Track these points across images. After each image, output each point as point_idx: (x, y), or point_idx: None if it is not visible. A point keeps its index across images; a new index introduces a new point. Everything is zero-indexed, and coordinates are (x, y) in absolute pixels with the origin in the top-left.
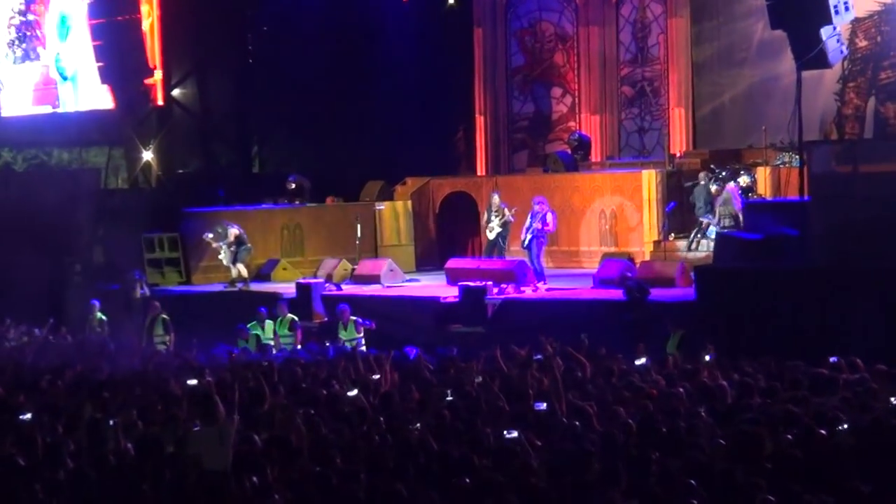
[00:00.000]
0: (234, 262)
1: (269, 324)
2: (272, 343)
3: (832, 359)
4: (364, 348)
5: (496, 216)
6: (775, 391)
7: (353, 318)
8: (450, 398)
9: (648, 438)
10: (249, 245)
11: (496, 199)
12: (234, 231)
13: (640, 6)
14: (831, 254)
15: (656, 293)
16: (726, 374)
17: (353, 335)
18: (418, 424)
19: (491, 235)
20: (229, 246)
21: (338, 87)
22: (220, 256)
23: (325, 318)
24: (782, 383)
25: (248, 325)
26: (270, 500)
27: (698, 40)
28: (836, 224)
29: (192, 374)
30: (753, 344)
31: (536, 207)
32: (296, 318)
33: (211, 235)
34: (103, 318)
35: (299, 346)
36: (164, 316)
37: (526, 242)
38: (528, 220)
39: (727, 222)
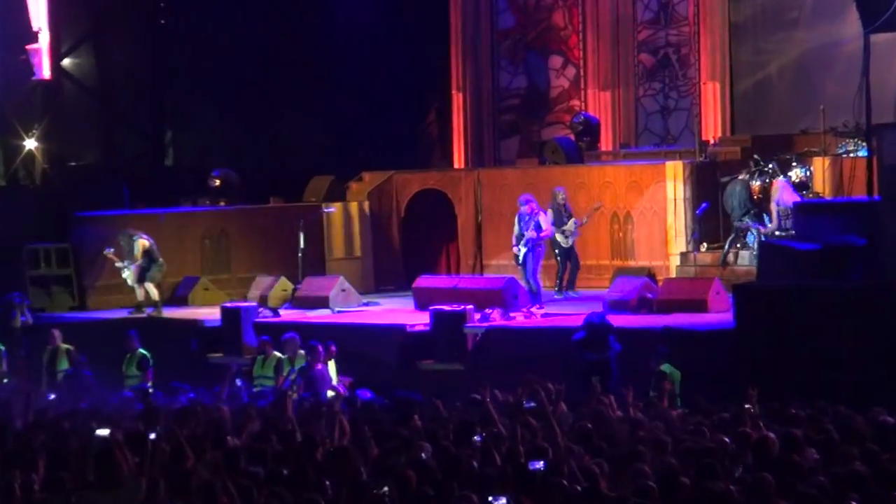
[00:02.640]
0: (142, 281)
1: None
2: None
3: None
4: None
5: (568, 216)
6: (833, 444)
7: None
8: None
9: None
10: (161, 260)
11: (561, 194)
12: (143, 242)
13: None
14: None
15: (683, 319)
16: (772, 423)
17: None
18: (386, 489)
19: (567, 242)
20: (148, 259)
21: (277, 57)
22: (123, 275)
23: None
24: (843, 434)
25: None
26: None
27: None
28: None
29: (100, 423)
30: (806, 384)
31: (524, 208)
32: (147, 355)
33: (112, 251)
34: None
35: (150, 388)
36: (69, 347)
37: (521, 257)
38: (516, 226)
39: (785, 223)
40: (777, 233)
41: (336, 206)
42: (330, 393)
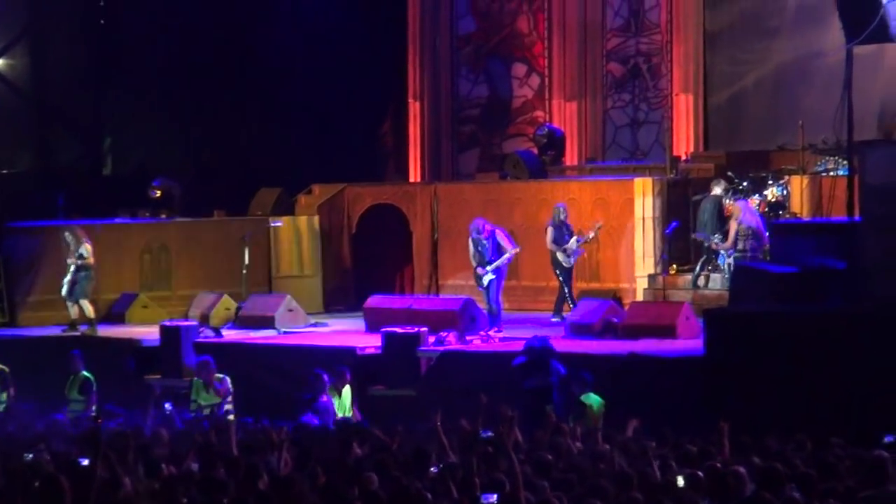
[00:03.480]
0: (73, 295)
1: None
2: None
3: (888, 437)
4: (231, 416)
5: (570, 234)
6: (811, 481)
7: (220, 375)
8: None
9: None
10: (91, 272)
11: (562, 211)
12: (88, 247)
13: None
14: (889, 294)
15: (650, 345)
16: (745, 458)
17: (212, 399)
18: None
19: (569, 262)
20: (76, 268)
21: (224, 63)
22: (63, 283)
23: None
24: (820, 470)
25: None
26: None
27: (713, 2)
28: None
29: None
30: (782, 415)
31: (479, 236)
32: (90, 378)
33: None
34: None
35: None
36: (3, 367)
37: (485, 283)
38: (473, 251)
39: (744, 244)
40: (735, 254)
41: (284, 221)
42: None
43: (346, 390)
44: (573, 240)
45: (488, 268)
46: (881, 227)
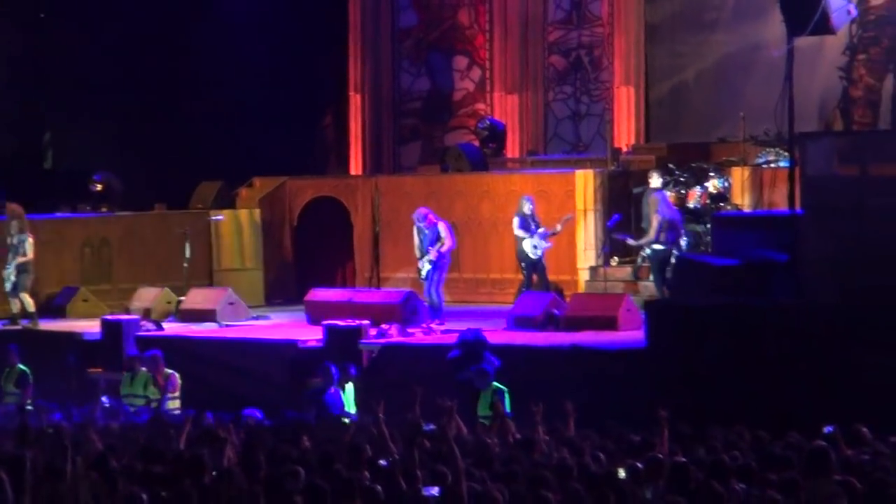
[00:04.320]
0: (15, 290)
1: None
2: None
3: (827, 428)
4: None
5: (537, 225)
6: (751, 472)
7: (168, 370)
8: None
9: None
10: (30, 266)
11: (528, 204)
12: (31, 241)
13: None
14: (832, 286)
15: (592, 337)
16: (687, 449)
17: (157, 394)
18: None
19: (536, 253)
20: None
21: (164, 55)
22: (5, 271)
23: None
24: (762, 461)
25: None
26: None
27: None
28: (839, 246)
29: None
30: (724, 407)
31: (422, 224)
32: (27, 371)
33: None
34: None
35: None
36: None
37: (425, 272)
38: (417, 241)
39: (664, 236)
40: (656, 246)
41: (224, 214)
42: (345, 420)
43: (350, 387)
44: (540, 231)
45: (424, 259)
46: (822, 218)
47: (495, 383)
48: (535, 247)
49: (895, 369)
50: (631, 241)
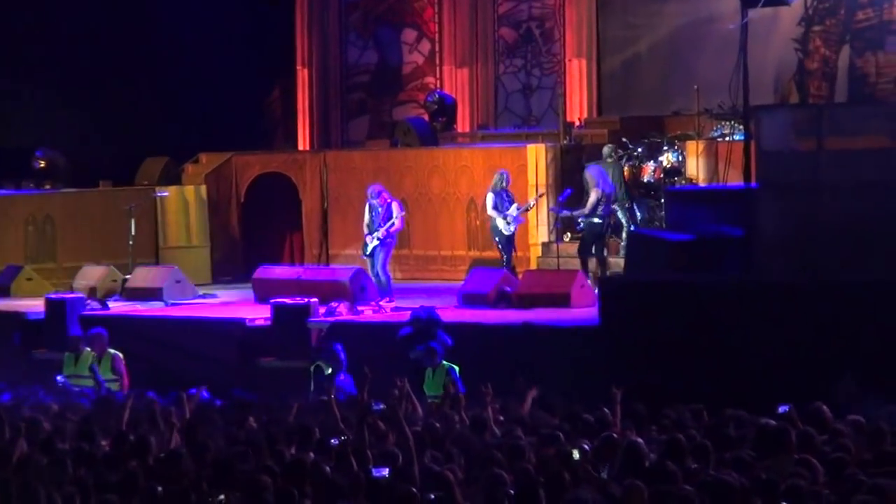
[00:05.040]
0: None
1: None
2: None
3: (782, 407)
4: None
5: (511, 201)
6: (706, 451)
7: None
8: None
9: None
10: None
11: (503, 178)
12: None
13: None
14: (788, 262)
15: (545, 315)
16: (642, 428)
17: (105, 374)
18: (222, 497)
19: (509, 229)
20: None
21: (106, 28)
22: None
23: None
24: (716, 440)
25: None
26: None
27: None
28: (795, 221)
29: None
30: (679, 385)
31: (375, 201)
32: None
33: None
34: None
35: None
36: None
37: (370, 249)
38: (367, 216)
39: (601, 210)
40: (593, 220)
41: (170, 191)
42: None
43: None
44: (513, 207)
45: (375, 234)
46: (777, 193)
47: (445, 362)
48: (508, 223)
49: (852, 346)
50: (566, 213)
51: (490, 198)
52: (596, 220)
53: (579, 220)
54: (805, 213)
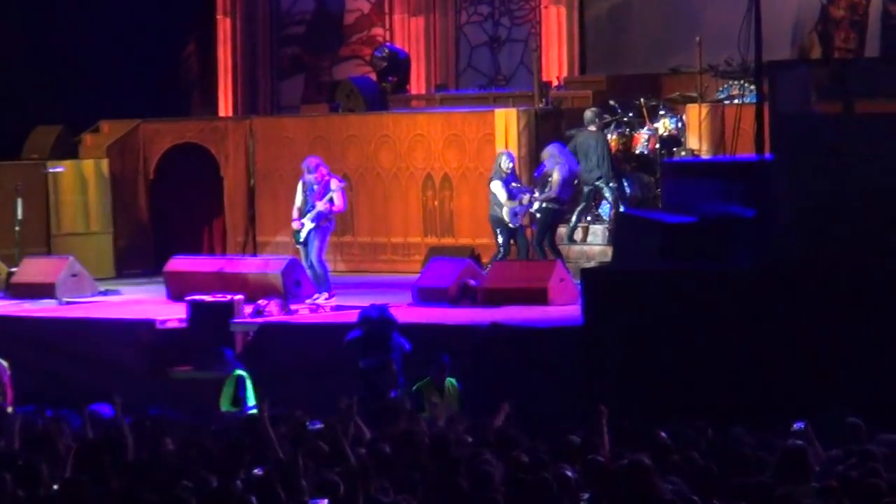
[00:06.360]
0: None
1: None
2: None
3: (798, 424)
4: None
5: (518, 189)
6: (711, 474)
7: None
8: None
9: None
10: None
11: (507, 160)
12: None
13: None
14: (808, 249)
15: (517, 313)
16: (633, 449)
17: None
18: None
19: (516, 221)
20: None
21: None
22: None
23: None
24: (724, 463)
25: None
26: None
27: None
28: (817, 198)
29: None
30: (676, 397)
31: (311, 176)
32: None
33: None
34: None
35: None
36: None
37: (303, 236)
38: (300, 196)
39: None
40: (552, 205)
41: (65, 165)
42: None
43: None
44: (526, 196)
45: (307, 217)
46: (797, 165)
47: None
48: (515, 214)
49: (887, 344)
50: (529, 196)
51: (499, 188)
52: (553, 205)
53: (539, 203)
54: (829, 189)
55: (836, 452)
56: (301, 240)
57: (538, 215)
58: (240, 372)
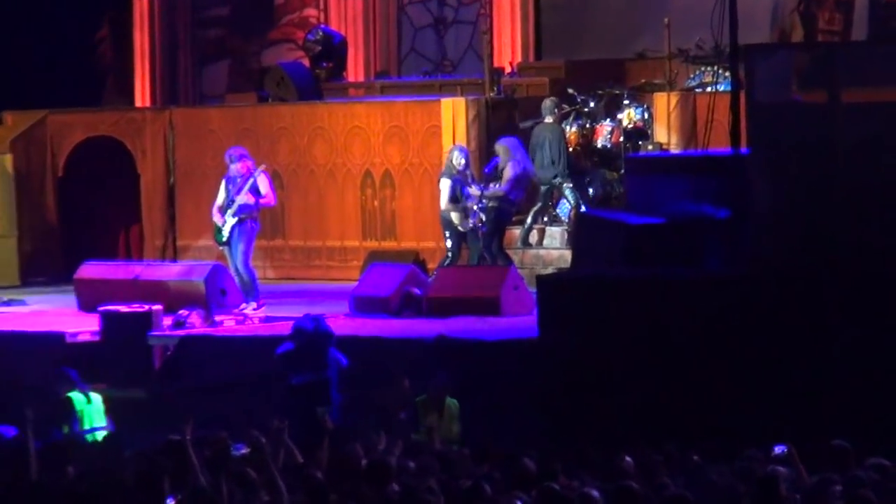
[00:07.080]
0: None
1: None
2: None
3: (777, 447)
4: None
5: (472, 183)
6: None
7: None
8: None
9: None
10: None
11: (459, 156)
12: None
13: None
14: (789, 251)
15: (465, 325)
16: (594, 476)
17: None
18: None
19: (467, 223)
20: None
21: None
22: None
23: None
24: (696, 490)
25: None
26: None
27: None
28: (798, 198)
29: None
30: (640, 417)
31: (235, 166)
32: None
33: None
34: None
35: None
36: None
37: (225, 234)
38: (223, 193)
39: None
40: (502, 205)
41: None
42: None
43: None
44: (472, 201)
45: (228, 213)
46: (776, 160)
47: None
48: (466, 215)
49: (873, 361)
50: (478, 190)
51: (446, 186)
52: (499, 204)
53: (486, 201)
54: (812, 187)
55: (821, 478)
56: (224, 239)
57: (482, 215)
58: (78, 393)
